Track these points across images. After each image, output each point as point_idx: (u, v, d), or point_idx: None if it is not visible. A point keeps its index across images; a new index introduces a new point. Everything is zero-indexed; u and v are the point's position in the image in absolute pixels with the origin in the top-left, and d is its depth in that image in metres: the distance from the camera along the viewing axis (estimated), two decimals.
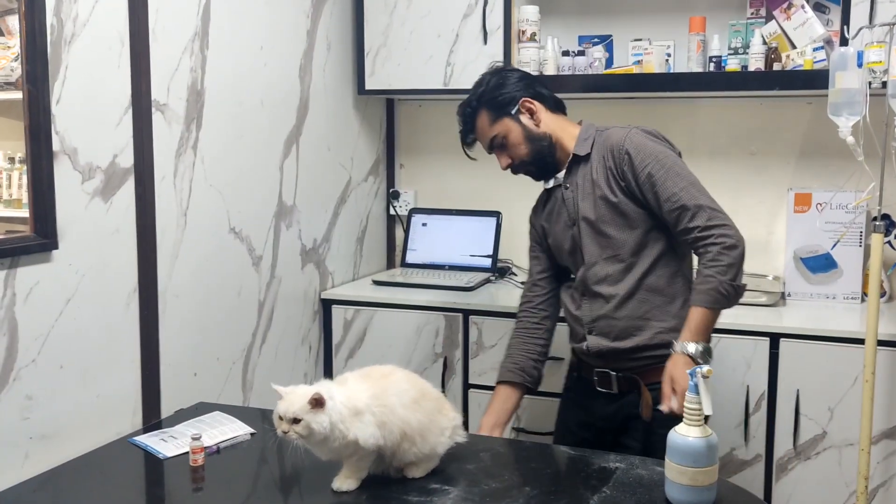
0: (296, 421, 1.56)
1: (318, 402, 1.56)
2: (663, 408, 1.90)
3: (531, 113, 2.14)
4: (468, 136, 2.19)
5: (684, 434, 1.56)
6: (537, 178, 2.21)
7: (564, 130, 2.16)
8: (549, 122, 2.15)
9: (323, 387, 1.62)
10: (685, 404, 1.58)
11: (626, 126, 2.12)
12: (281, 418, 1.59)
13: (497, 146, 2.15)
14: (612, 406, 2.13)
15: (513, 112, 2.12)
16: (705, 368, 1.56)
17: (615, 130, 2.11)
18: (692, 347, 1.91)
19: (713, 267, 1.94)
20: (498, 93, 2.13)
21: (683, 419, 1.58)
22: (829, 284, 2.94)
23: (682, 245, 2.08)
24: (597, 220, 2.08)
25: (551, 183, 2.19)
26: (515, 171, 2.19)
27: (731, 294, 1.95)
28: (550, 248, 2.25)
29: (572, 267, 2.20)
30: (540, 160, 2.15)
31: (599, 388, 2.14)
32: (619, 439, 2.12)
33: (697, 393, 1.56)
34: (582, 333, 2.16)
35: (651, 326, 2.06)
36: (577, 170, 2.13)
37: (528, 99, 2.14)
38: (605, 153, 2.08)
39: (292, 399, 1.58)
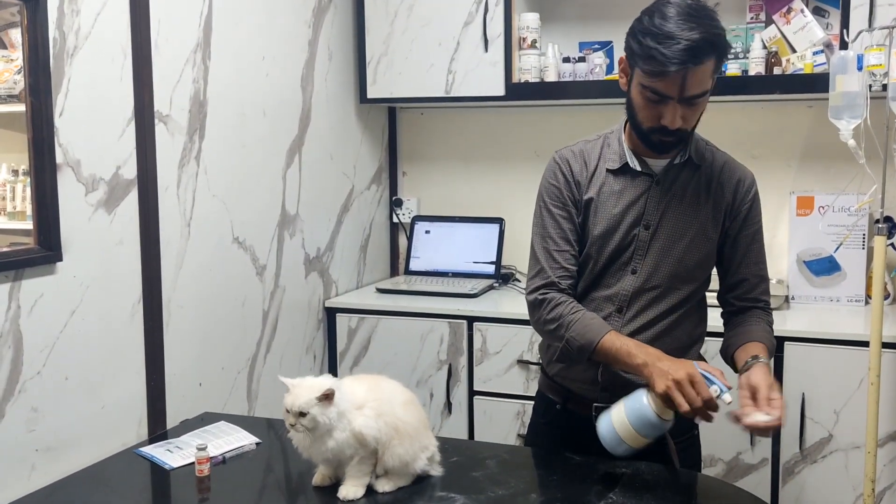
0: (302, 414, 1.58)
1: (327, 397, 1.58)
2: (759, 418, 1.66)
3: (714, 87, 1.74)
4: (684, 64, 1.62)
5: (650, 403, 1.61)
6: (666, 150, 1.80)
7: None
8: None
9: (329, 379, 1.64)
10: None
11: (744, 167, 1.90)
12: (288, 411, 1.60)
13: (692, 103, 1.70)
14: None
15: (716, 75, 1.72)
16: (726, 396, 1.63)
17: (739, 164, 1.88)
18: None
19: (771, 328, 1.88)
20: (727, 47, 1.71)
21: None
22: (832, 287, 2.94)
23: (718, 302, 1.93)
24: (685, 245, 1.80)
25: (638, 165, 1.83)
26: (674, 135, 1.73)
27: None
28: (587, 226, 1.85)
29: (604, 266, 1.84)
30: (687, 142, 1.81)
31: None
32: None
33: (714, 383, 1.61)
34: None
35: None
36: (680, 173, 1.82)
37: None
38: (725, 183, 1.83)
39: (299, 392, 1.60)
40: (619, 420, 1.63)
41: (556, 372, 1.92)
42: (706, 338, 2.69)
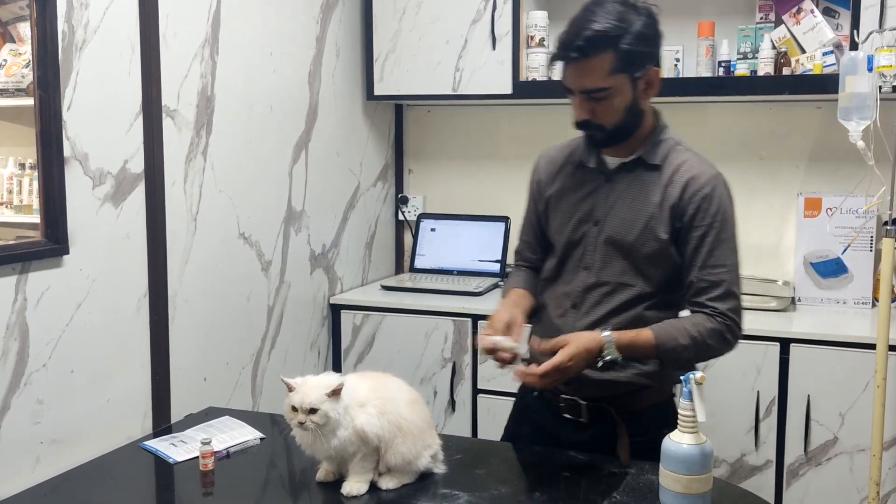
0: (312, 411, 1.58)
1: (336, 392, 1.59)
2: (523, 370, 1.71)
3: (649, 87, 1.78)
4: (573, 60, 1.71)
5: (678, 441, 1.54)
6: (595, 146, 1.84)
7: (648, 116, 1.85)
8: (648, 102, 1.83)
9: (333, 376, 1.65)
10: (679, 411, 1.55)
11: (711, 163, 1.84)
12: (295, 409, 1.60)
13: (592, 98, 1.73)
14: (582, 435, 1.87)
15: (637, 74, 1.74)
16: (699, 374, 1.54)
17: (699, 163, 1.82)
18: (610, 347, 1.70)
19: (699, 335, 1.75)
20: (639, 45, 1.72)
21: (678, 426, 1.56)
22: (839, 289, 2.93)
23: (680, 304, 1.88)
24: (631, 243, 1.79)
25: (591, 162, 1.86)
26: (580, 127, 1.81)
27: (677, 363, 1.77)
28: (548, 220, 1.94)
29: (560, 260, 1.89)
30: (618, 135, 1.80)
31: (566, 416, 1.88)
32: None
33: (691, 399, 1.54)
34: None
35: (632, 365, 1.80)
36: (633, 172, 1.82)
37: (659, 71, 1.78)
38: (677, 183, 1.79)
39: (307, 390, 1.60)
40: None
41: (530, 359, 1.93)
42: None
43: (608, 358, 1.70)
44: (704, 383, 1.54)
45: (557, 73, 3.03)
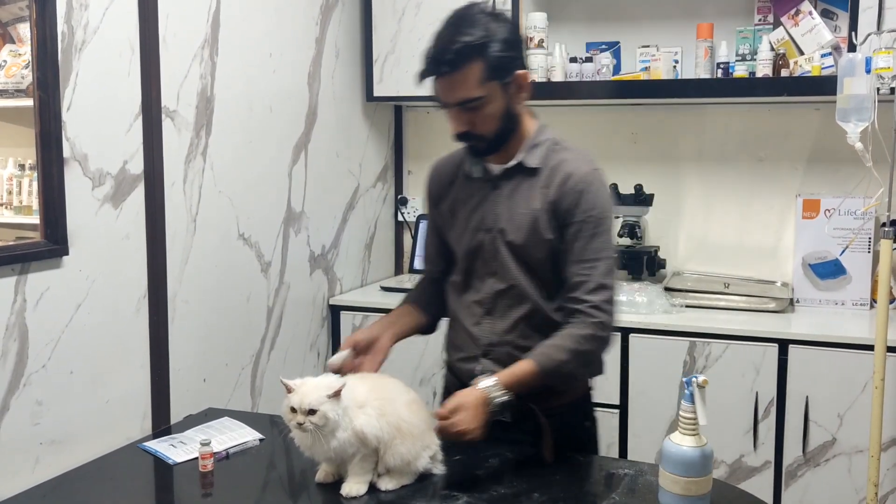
0: (311, 412, 1.58)
1: (337, 393, 1.59)
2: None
3: (520, 90, 1.81)
4: (443, 74, 1.72)
5: (678, 443, 1.54)
6: (478, 155, 1.86)
7: (525, 118, 1.87)
8: (522, 105, 1.86)
9: (332, 378, 1.65)
10: (680, 413, 1.56)
11: (589, 160, 1.85)
12: (294, 410, 1.60)
13: (468, 109, 1.75)
14: (507, 434, 1.86)
15: (507, 80, 1.77)
16: (701, 378, 1.55)
17: (575, 160, 1.83)
18: (496, 393, 1.69)
19: (576, 345, 1.75)
20: (506, 51, 1.74)
21: (679, 428, 1.57)
22: (837, 291, 2.93)
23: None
24: (523, 246, 1.82)
25: (476, 172, 1.88)
26: (461, 139, 1.82)
27: (564, 378, 1.79)
28: (445, 230, 1.96)
29: (465, 270, 1.91)
30: (498, 142, 1.82)
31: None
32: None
33: (692, 402, 1.55)
34: (475, 353, 1.89)
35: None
36: (515, 177, 1.84)
37: (527, 74, 1.80)
38: (554, 181, 1.81)
39: (306, 391, 1.60)
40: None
41: (451, 363, 1.99)
42: (709, 339, 2.69)
43: (498, 402, 1.69)
44: (706, 387, 1.54)
45: (558, 75, 3.04)
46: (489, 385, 1.70)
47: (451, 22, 1.74)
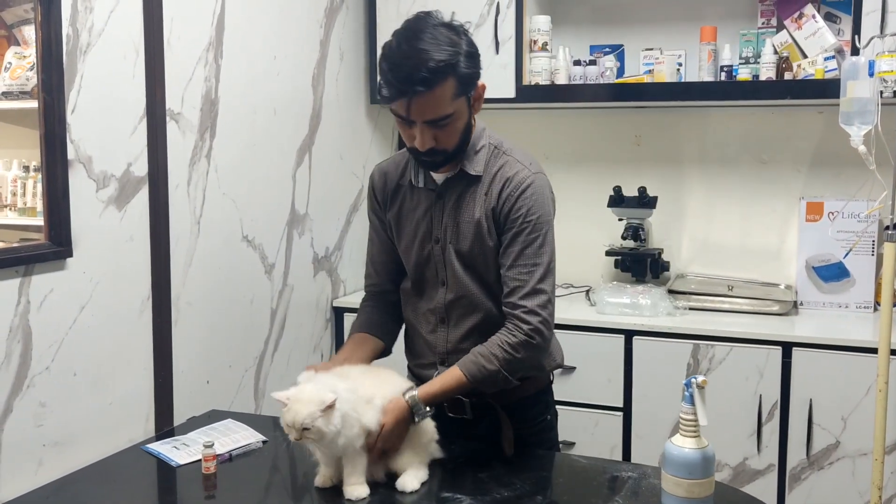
0: (305, 429, 1.56)
1: (329, 407, 1.57)
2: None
3: (478, 101, 1.77)
4: (417, 93, 1.64)
5: (680, 445, 1.54)
6: (433, 168, 1.82)
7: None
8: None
9: (326, 385, 1.61)
10: (681, 415, 1.55)
11: (531, 163, 1.83)
12: (290, 426, 1.59)
13: (437, 126, 1.71)
14: (468, 431, 1.91)
15: (471, 93, 1.74)
16: (700, 378, 1.54)
17: (516, 164, 1.81)
18: (419, 410, 1.70)
19: (506, 354, 1.74)
20: (472, 66, 1.71)
21: (680, 430, 1.56)
22: (841, 293, 2.93)
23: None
24: (469, 254, 1.82)
25: (421, 181, 1.86)
26: (426, 155, 1.76)
27: (497, 385, 1.77)
28: (395, 242, 1.96)
29: (417, 279, 1.92)
30: (459, 153, 1.79)
31: (451, 414, 1.88)
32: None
33: (693, 403, 1.54)
34: (433, 360, 1.92)
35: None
36: (458, 185, 1.83)
37: (484, 85, 1.77)
38: (494, 187, 1.80)
39: (298, 408, 1.57)
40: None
41: (412, 367, 2.02)
42: (712, 341, 2.69)
43: (420, 413, 1.71)
44: (706, 387, 1.54)
45: (562, 77, 3.05)
46: (412, 399, 1.70)
47: (412, 36, 1.67)
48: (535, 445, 1.93)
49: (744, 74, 2.88)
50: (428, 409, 1.72)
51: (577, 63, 3.09)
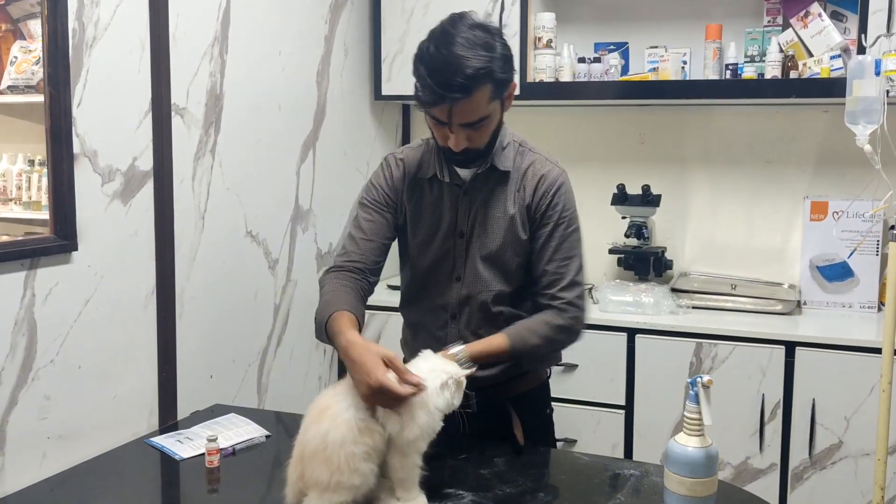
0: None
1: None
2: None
3: (509, 99, 1.80)
4: (457, 99, 1.66)
5: (683, 444, 1.54)
6: (464, 165, 1.84)
7: None
8: None
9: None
10: (685, 413, 1.55)
11: (555, 161, 1.89)
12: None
13: (473, 127, 1.73)
14: (471, 424, 1.81)
15: (504, 95, 1.77)
16: (706, 378, 1.54)
17: (545, 163, 1.87)
18: (464, 362, 1.70)
19: (550, 332, 1.79)
20: (507, 69, 1.73)
21: (683, 428, 1.57)
22: (845, 293, 2.93)
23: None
24: (497, 249, 1.85)
25: (447, 176, 1.86)
26: (460, 155, 1.79)
27: (531, 360, 1.85)
28: (406, 235, 1.94)
29: (428, 274, 1.91)
30: (488, 151, 1.82)
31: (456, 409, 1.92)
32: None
33: (698, 402, 1.54)
34: None
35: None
36: (487, 181, 1.85)
37: (515, 84, 1.80)
38: (528, 184, 1.85)
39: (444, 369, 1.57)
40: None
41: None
42: (715, 340, 2.69)
43: (466, 366, 1.69)
44: (711, 386, 1.54)
45: (567, 75, 3.04)
46: (457, 353, 1.72)
47: (449, 40, 1.67)
48: (536, 439, 1.94)
49: (749, 73, 2.87)
50: (471, 364, 1.72)
51: (581, 60, 3.09)
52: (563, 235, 1.84)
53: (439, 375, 1.57)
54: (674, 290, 2.96)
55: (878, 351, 2.42)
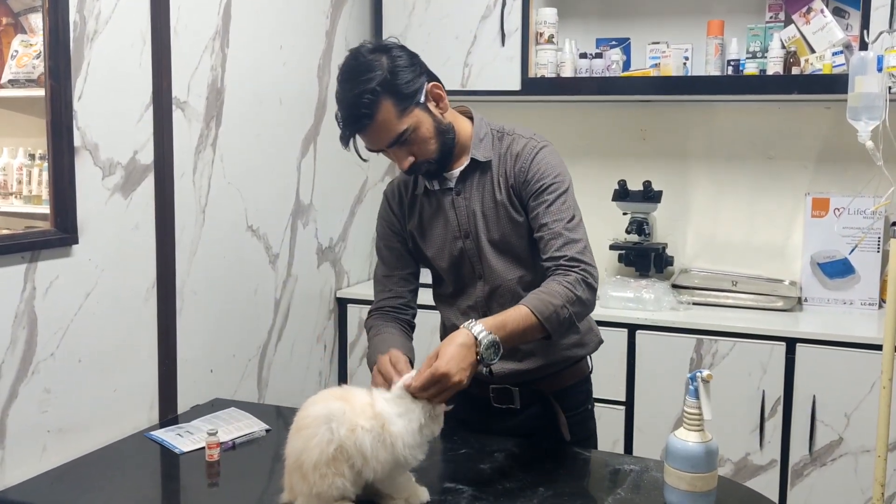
0: None
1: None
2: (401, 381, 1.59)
3: (438, 100, 1.80)
4: (364, 127, 1.73)
5: (683, 439, 1.54)
6: (435, 178, 1.86)
7: (458, 121, 1.86)
8: (450, 112, 1.85)
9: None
10: (685, 408, 1.55)
11: (535, 135, 1.87)
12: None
13: (402, 144, 1.75)
14: (513, 420, 1.94)
15: (422, 100, 1.76)
16: (705, 373, 1.54)
17: (519, 139, 1.86)
18: (484, 335, 1.59)
19: (567, 289, 1.70)
20: (404, 77, 1.73)
21: (683, 424, 1.57)
22: (846, 290, 2.92)
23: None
24: (502, 240, 1.85)
25: (436, 184, 1.88)
26: (412, 172, 1.82)
27: (564, 325, 1.71)
28: (421, 251, 1.95)
29: (454, 279, 1.92)
30: (446, 156, 1.82)
31: (497, 405, 1.93)
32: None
33: (697, 397, 1.54)
34: None
35: (559, 344, 1.88)
36: (472, 176, 1.86)
37: (437, 84, 1.80)
38: (507, 165, 1.84)
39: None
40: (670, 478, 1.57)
41: None
42: (716, 336, 2.68)
43: (486, 341, 1.59)
44: (711, 381, 1.54)
45: (568, 70, 3.04)
46: (472, 324, 1.62)
47: (346, 77, 1.74)
48: (577, 434, 1.94)
49: (751, 69, 2.87)
50: (489, 333, 1.60)
51: (583, 56, 3.09)
52: (550, 198, 1.79)
53: (412, 419, 1.52)
54: (675, 286, 2.95)
55: (878, 348, 2.42)
